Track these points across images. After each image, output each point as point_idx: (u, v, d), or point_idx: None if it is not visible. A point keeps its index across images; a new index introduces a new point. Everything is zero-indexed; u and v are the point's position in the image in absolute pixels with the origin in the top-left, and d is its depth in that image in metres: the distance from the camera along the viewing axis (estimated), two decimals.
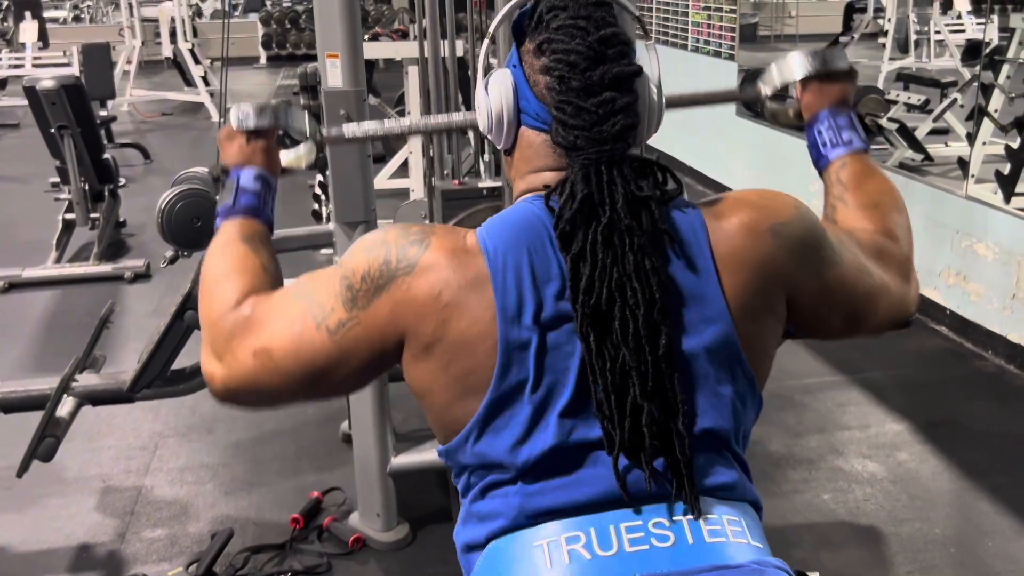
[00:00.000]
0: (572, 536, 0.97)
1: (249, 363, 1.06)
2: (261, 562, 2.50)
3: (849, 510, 2.75)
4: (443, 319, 0.99)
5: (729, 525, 0.99)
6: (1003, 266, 3.66)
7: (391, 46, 5.58)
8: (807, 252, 1.07)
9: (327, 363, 1.04)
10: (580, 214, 0.99)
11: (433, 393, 1.02)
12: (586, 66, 1.00)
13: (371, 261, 1.02)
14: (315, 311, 1.04)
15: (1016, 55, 4.19)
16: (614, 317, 0.97)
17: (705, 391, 1.01)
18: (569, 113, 1.00)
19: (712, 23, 6.06)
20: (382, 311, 1.01)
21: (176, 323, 2.33)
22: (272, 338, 1.05)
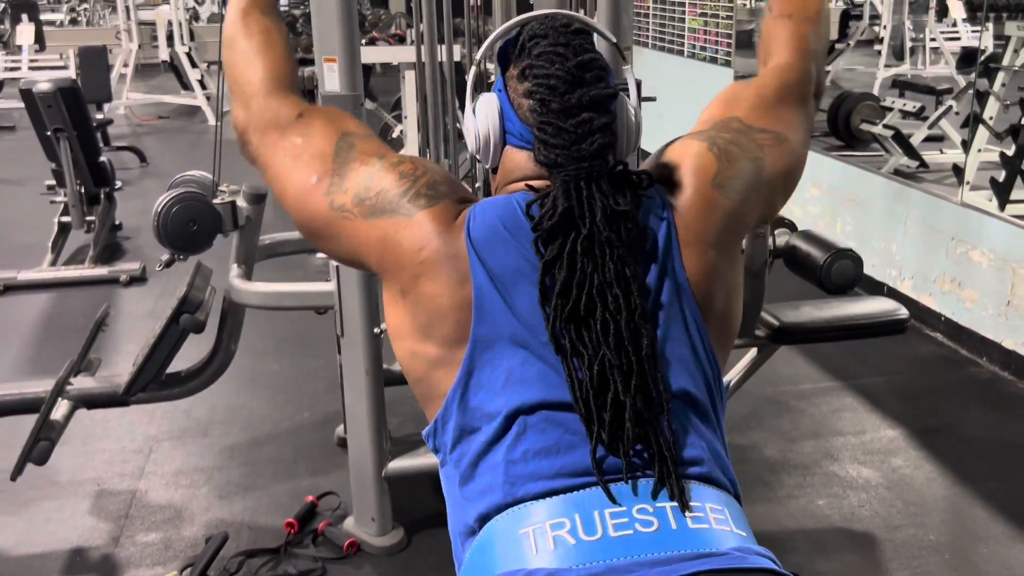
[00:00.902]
0: (557, 522, 0.99)
1: (270, 154, 1.20)
2: (256, 566, 2.49)
3: (844, 516, 2.75)
4: (417, 274, 1.07)
5: (712, 513, 1.01)
6: (998, 273, 3.67)
7: (388, 51, 5.59)
8: (741, 177, 1.16)
9: (322, 225, 1.16)
10: (559, 225, 1.05)
11: (405, 339, 1.10)
12: (565, 89, 1.08)
13: (395, 182, 1.11)
14: (335, 180, 1.14)
15: (1011, 63, 4.20)
16: (595, 320, 1.03)
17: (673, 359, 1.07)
18: (550, 133, 1.08)
19: (708, 29, 6.07)
20: (373, 231, 1.11)
21: (172, 327, 2.33)
22: (296, 163, 1.17)
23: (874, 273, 4.37)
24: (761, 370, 2.64)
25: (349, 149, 1.16)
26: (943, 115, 5.26)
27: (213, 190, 2.59)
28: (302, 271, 4.38)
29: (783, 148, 1.22)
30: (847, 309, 2.64)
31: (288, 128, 1.21)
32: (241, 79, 1.28)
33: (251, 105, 1.25)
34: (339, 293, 2.41)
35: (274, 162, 1.21)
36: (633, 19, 5.87)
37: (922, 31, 7.84)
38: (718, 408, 1.12)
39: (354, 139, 1.18)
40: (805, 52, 1.30)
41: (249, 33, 1.30)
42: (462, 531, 1.07)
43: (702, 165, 1.15)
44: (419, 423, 1.14)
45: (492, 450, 1.05)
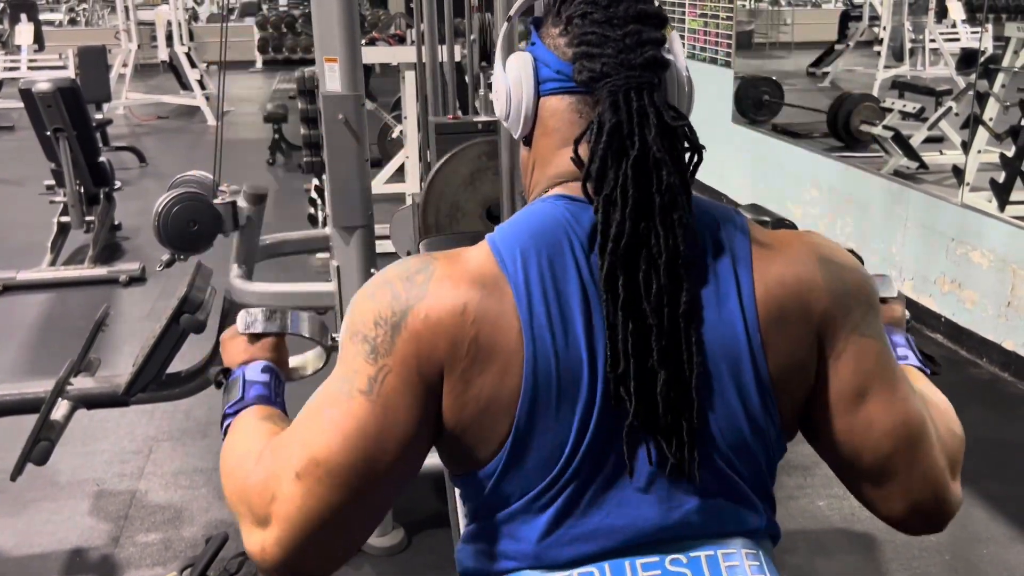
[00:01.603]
0: (585, 572, 0.92)
1: (296, 491, 0.89)
2: (255, 567, 2.49)
3: (844, 517, 2.75)
4: (474, 335, 0.88)
5: (747, 560, 0.94)
6: (998, 274, 3.67)
7: (388, 51, 5.59)
8: (854, 298, 0.96)
9: (376, 432, 0.88)
10: (609, 149, 0.89)
11: (462, 424, 0.91)
12: (608, 2, 0.94)
13: (378, 305, 0.91)
14: (340, 388, 0.91)
15: (1011, 64, 4.20)
16: (639, 268, 0.89)
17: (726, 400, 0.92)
18: (594, 43, 0.92)
19: (708, 30, 6.08)
20: (409, 348, 0.89)
21: (172, 326, 2.32)
22: (309, 446, 0.89)
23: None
24: None
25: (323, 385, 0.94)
26: (943, 116, 5.27)
27: (213, 190, 2.59)
28: (302, 271, 4.39)
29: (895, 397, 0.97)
30: None
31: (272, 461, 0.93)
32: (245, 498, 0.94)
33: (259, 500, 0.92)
34: (339, 293, 2.41)
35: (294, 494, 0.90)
36: None
37: (922, 32, 7.85)
38: (770, 442, 0.96)
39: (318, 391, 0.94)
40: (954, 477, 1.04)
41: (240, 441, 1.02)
42: (472, 572, 1.00)
43: (828, 245, 0.99)
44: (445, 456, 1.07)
45: (524, 521, 0.94)
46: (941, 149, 5.26)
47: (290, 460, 0.90)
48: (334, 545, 0.92)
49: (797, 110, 6.43)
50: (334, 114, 2.30)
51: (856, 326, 0.95)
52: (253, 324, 1.17)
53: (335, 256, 2.43)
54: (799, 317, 0.93)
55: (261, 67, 13.40)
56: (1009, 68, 4.19)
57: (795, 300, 0.93)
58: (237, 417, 1.06)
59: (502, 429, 0.90)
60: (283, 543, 0.89)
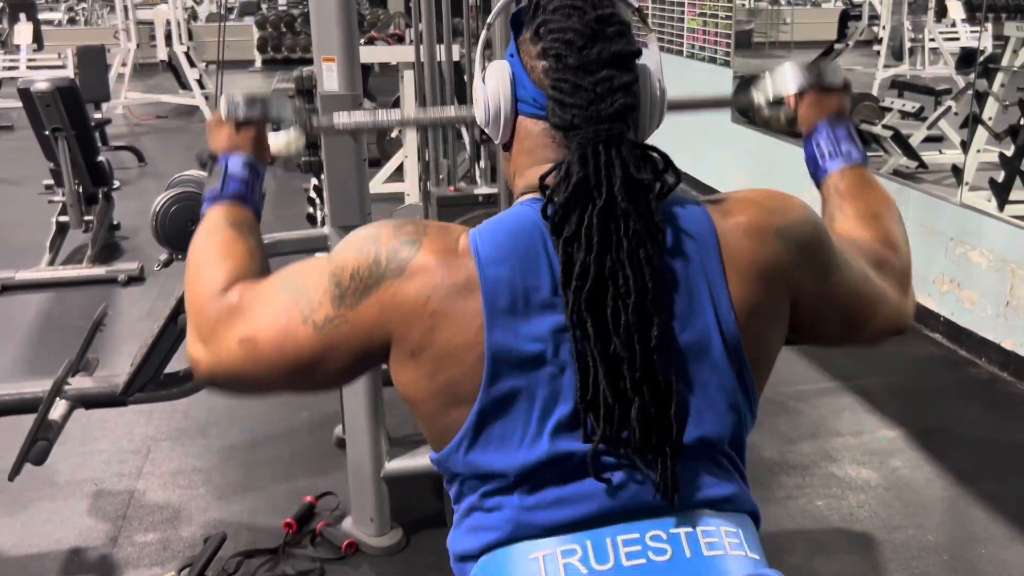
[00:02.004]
0: (568, 549, 0.95)
1: (234, 350, 1.04)
2: (254, 567, 2.49)
3: (843, 516, 2.75)
4: (429, 327, 0.96)
5: (727, 537, 0.97)
6: (997, 273, 3.67)
7: (387, 50, 5.59)
8: (812, 254, 1.05)
9: (311, 358, 1.01)
10: (574, 198, 0.95)
11: (421, 401, 1.00)
12: (583, 44, 0.97)
13: (361, 260, 0.99)
14: (302, 305, 1.01)
15: (1010, 63, 4.20)
16: (606, 306, 0.94)
17: (699, 393, 0.98)
18: (566, 91, 0.97)
19: (707, 29, 6.07)
20: (369, 312, 0.98)
21: (170, 326, 2.32)
22: (258, 328, 1.03)
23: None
24: None
25: (297, 276, 1.04)
26: (942, 115, 5.26)
27: None
28: None
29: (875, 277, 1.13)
30: None
31: (234, 311, 1.05)
32: (196, 313, 1.09)
33: (206, 323, 1.07)
34: None
35: (232, 350, 1.04)
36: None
37: (921, 31, 7.84)
38: (745, 422, 1.04)
39: (292, 274, 1.06)
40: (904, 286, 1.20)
41: (207, 245, 1.15)
42: (461, 554, 1.04)
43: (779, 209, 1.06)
44: (417, 423, 1.12)
45: (503, 495, 0.99)
46: (940, 148, 5.26)
47: (240, 322, 1.04)
48: (248, 390, 1.13)
49: None
50: None
51: (818, 275, 1.06)
52: (235, 110, 1.26)
53: None
54: (770, 293, 1.02)
55: (260, 66, 13.40)
56: (1008, 67, 4.19)
57: (769, 282, 1.01)
58: (211, 210, 1.20)
59: (462, 413, 0.97)
60: (212, 369, 1.07)
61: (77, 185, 4.75)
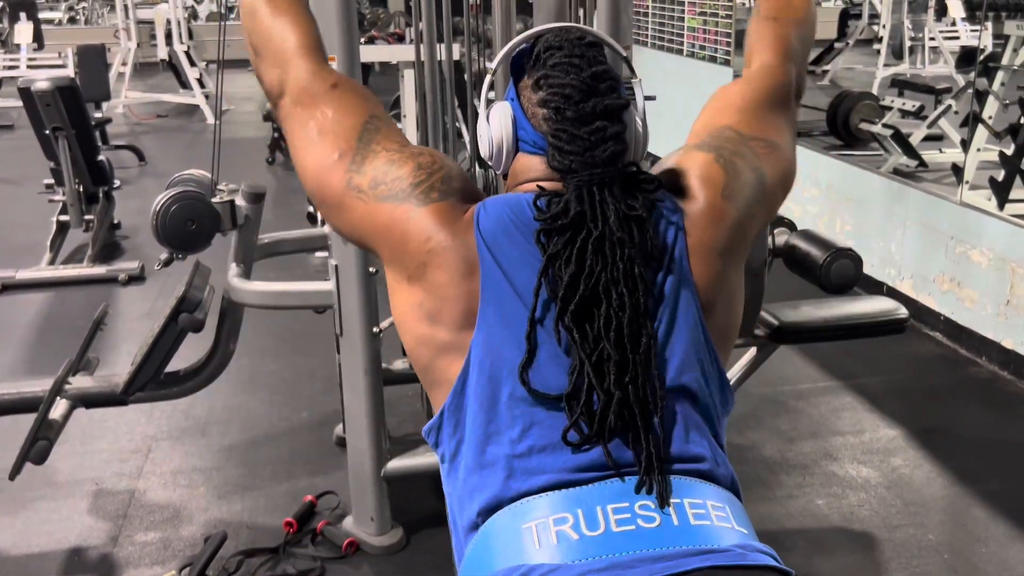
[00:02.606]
0: (560, 517, 1.00)
1: (300, 121, 1.21)
2: (254, 566, 2.49)
3: (843, 516, 2.75)
4: (424, 262, 1.09)
5: (714, 510, 1.03)
6: (997, 272, 3.67)
7: (387, 50, 5.59)
8: (747, 189, 1.19)
9: (336, 200, 1.17)
10: (571, 225, 1.07)
11: (412, 325, 1.12)
12: (580, 98, 1.12)
13: (411, 172, 1.13)
14: (356, 160, 1.16)
15: (1010, 62, 4.20)
16: (599, 315, 1.05)
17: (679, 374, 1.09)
18: (564, 140, 1.11)
19: (708, 28, 6.07)
20: (383, 215, 1.13)
21: (170, 326, 2.32)
22: (322, 136, 1.19)
23: (873, 273, 4.37)
24: (760, 370, 2.64)
25: (375, 132, 1.18)
26: (942, 114, 5.26)
27: (212, 189, 2.59)
28: (301, 270, 4.39)
29: (777, 155, 1.25)
30: (846, 309, 2.64)
31: (320, 97, 1.21)
32: (272, 40, 1.27)
33: (286, 67, 1.25)
34: (338, 292, 2.40)
35: (301, 130, 1.22)
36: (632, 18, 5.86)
37: (921, 30, 7.84)
38: (719, 408, 1.13)
39: (380, 123, 1.20)
40: (787, 54, 1.33)
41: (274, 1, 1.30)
42: (464, 525, 1.08)
43: (711, 176, 1.17)
44: (417, 422, 1.14)
45: (495, 441, 1.06)
46: (940, 147, 5.26)
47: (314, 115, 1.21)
48: None
49: None
50: None
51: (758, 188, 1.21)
52: None
53: (333, 255, 2.43)
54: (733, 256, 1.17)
55: None
56: (1008, 66, 4.19)
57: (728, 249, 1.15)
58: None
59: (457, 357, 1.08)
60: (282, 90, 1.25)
61: (77, 184, 4.75)
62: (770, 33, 1.35)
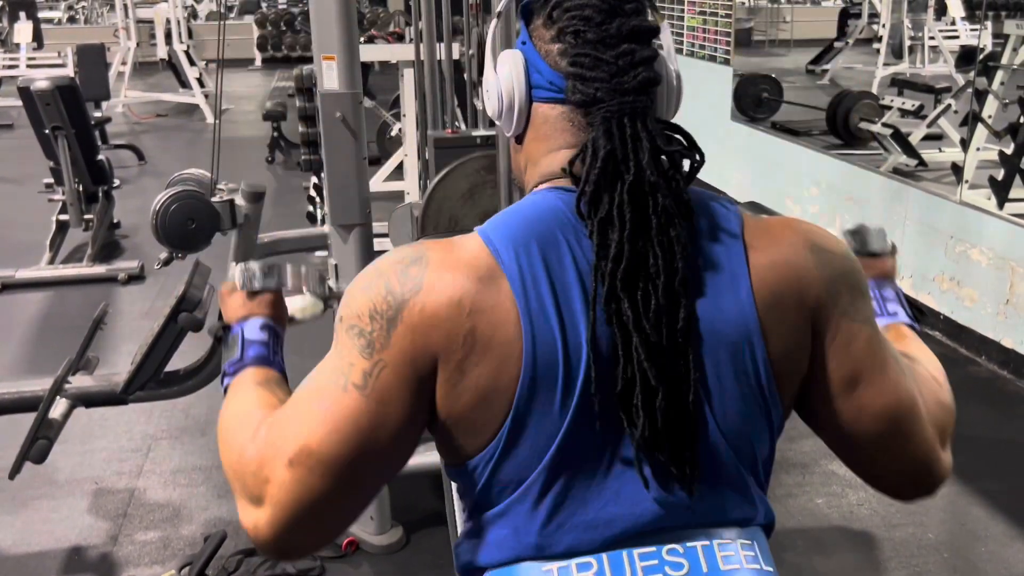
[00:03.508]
0: (583, 563, 0.92)
1: (288, 477, 0.90)
2: (254, 565, 2.49)
3: (843, 514, 2.75)
4: (471, 327, 0.89)
5: (742, 550, 0.96)
6: (996, 271, 3.67)
7: (387, 49, 5.59)
8: (845, 284, 0.97)
9: (369, 425, 0.90)
10: (604, 175, 0.91)
11: (461, 414, 0.92)
12: (601, 19, 0.94)
13: (373, 298, 0.91)
14: (335, 380, 0.91)
15: (1010, 61, 4.20)
16: (637, 287, 0.90)
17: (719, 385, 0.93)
18: (587, 65, 0.93)
19: (707, 28, 6.07)
20: (404, 342, 0.90)
21: (170, 325, 2.32)
22: (301, 434, 0.91)
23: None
24: None
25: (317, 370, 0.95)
26: (942, 114, 5.26)
27: (211, 188, 2.59)
28: None
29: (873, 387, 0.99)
30: None
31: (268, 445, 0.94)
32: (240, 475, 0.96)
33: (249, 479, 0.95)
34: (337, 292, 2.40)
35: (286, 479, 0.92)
36: None
37: (921, 29, 7.84)
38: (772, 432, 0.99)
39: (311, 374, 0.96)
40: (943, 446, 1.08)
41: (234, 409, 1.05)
42: (471, 566, 1.00)
43: (818, 232, 1.00)
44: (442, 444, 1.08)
45: (525, 511, 0.94)
46: (940, 147, 5.26)
47: (284, 446, 0.92)
48: (323, 527, 0.95)
49: (796, 108, 6.43)
50: (332, 112, 2.30)
51: (846, 311, 0.97)
52: (251, 280, 1.20)
53: (333, 254, 2.43)
54: (793, 303, 0.95)
55: (260, 65, 13.40)
56: (1008, 65, 4.19)
57: (789, 287, 0.95)
58: (235, 379, 1.09)
59: (498, 417, 0.90)
60: (275, 525, 0.92)
61: (77, 184, 4.75)
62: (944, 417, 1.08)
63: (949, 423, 1.09)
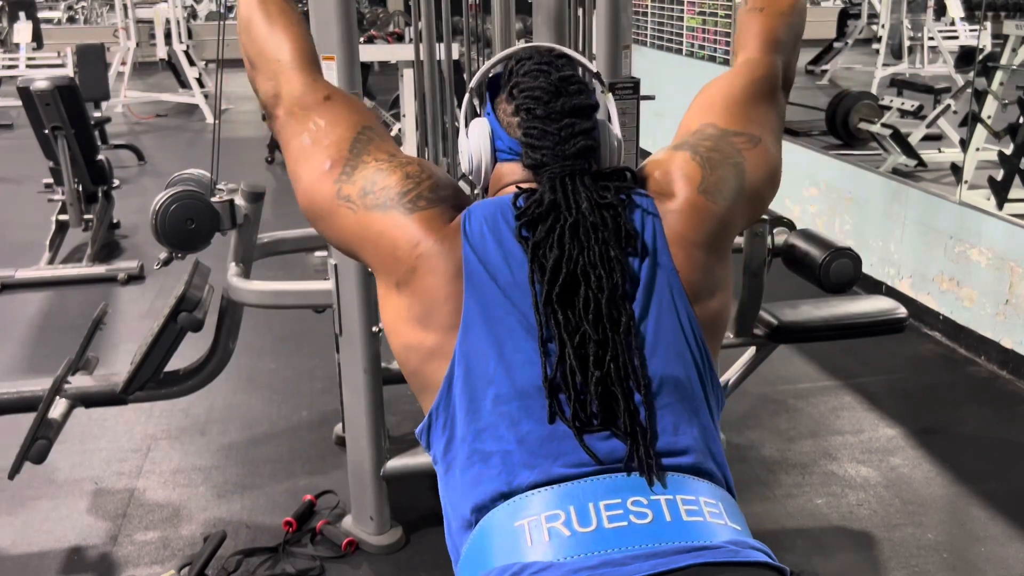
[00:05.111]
0: (552, 514, 1.01)
1: (293, 131, 1.25)
2: (254, 565, 2.49)
3: (842, 515, 2.75)
4: (413, 268, 1.12)
5: (706, 506, 1.03)
6: (996, 272, 3.67)
7: (386, 49, 5.59)
8: (726, 183, 1.20)
9: (326, 210, 1.20)
10: (546, 213, 1.12)
11: (400, 332, 1.14)
12: (548, 99, 1.17)
13: (399, 181, 1.16)
14: (347, 170, 1.19)
15: (1009, 61, 4.20)
16: (578, 298, 1.07)
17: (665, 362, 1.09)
18: (535, 136, 1.17)
19: (707, 28, 6.07)
20: (373, 225, 1.15)
21: (170, 325, 2.32)
22: (315, 146, 1.22)
23: (872, 272, 4.37)
24: (759, 369, 2.64)
25: (366, 143, 1.22)
26: (941, 114, 5.27)
27: (211, 188, 2.59)
28: (300, 270, 4.38)
29: (759, 149, 1.26)
30: (846, 308, 2.64)
31: (313, 108, 1.26)
32: (266, 53, 1.31)
33: (281, 79, 1.29)
34: (337, 292, 2.40)
35: (295, 140, 1.25)
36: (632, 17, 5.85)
37: (920, 30, 7.84)
38: (710, 400, 1.14)
39: (372, 134, 1.23)
40: (772, 46, 1.34)
41: (268, 12, 1.33)
42: (459, 525, 1.09)
43: (687, 173, 1.19)
44: (416, 422, 1.14)
45: (484, 439, 1.06)
46: (940, 147, 5.26)
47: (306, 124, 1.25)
48: None
49: (795, 108, 6.43)
50: None
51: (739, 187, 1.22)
52: None
53: (333, 254, 2.43)
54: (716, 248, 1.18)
55: None
56: (1007, 66, 4.19)
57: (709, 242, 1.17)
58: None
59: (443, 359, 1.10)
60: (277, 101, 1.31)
61: (77, 184, 4.75)
62: (756, 25, 1.35)
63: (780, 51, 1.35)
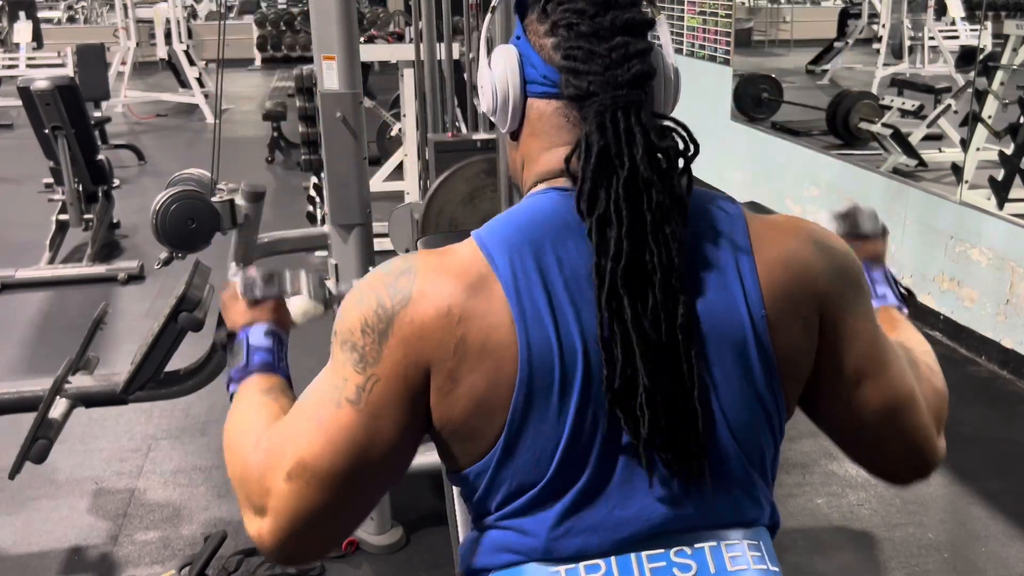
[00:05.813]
0: (591, 565, 0.92)
1: (286, 490, 0.92)
2: (254, 565, 2.49)
3: (843, 514, 2.75)
4: (462, 335, 0.88)
5: (749, 551, 0.96)
6: (996, 272, 3.67)
7: (387, 49, 5.59)
8: (848, 281, 0.97)
9: (364, 439, 0.91)
10: (599, 171, 0.89)
11: (457, 423, 0.92)
12: (595, 12, 0.93)
13: (365, 311, 0.91)
14: (330, 395, 0.92)
15: (1010, 61, 4.20)
16: (636, 285, 0.89)
17: (724, 383, 0.92)
18: (580, 59, 0.92)
19: (707, 28, 6.07)
20: (396, 355, 0.90)
21: (170, 325, 2.32)
22: (298, 449, 0.92)
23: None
24: None
25: (313, 384, 0.97)
26: (942, 114, 5.26)
27: (211, 188, 2.59)
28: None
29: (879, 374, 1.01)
30: None
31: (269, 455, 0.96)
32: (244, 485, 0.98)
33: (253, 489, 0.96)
34: None
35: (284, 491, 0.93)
36: None
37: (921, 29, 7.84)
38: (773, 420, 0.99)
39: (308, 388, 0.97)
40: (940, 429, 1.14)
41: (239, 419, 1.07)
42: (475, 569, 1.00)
43: (821, 230, 1.00)
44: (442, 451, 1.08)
45: (533, 514, 0.93)
46: (940, 147, 5.26)
47: (282, 458, 0.93)
48: (324, 536, 0.96)
49: (796, 108, 6.43)
50: (332, 112, 2.30)
51: (850, 309, 0.98)
52: (251, 289, 1.21)
53: (333, 254, 2.43)
54: (804, 298, 0.95)
55: (260, 65, 13.39)
56: (1008, 65, 4.19)
57: (797, 281, 0.95)
58: (241, 386, 1.12)
59: (495, 424, 0.90)
60: (277, 534, 0.93)
61: (77, 183, 4.75)
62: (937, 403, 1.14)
63: (943, 408, 1.13)
